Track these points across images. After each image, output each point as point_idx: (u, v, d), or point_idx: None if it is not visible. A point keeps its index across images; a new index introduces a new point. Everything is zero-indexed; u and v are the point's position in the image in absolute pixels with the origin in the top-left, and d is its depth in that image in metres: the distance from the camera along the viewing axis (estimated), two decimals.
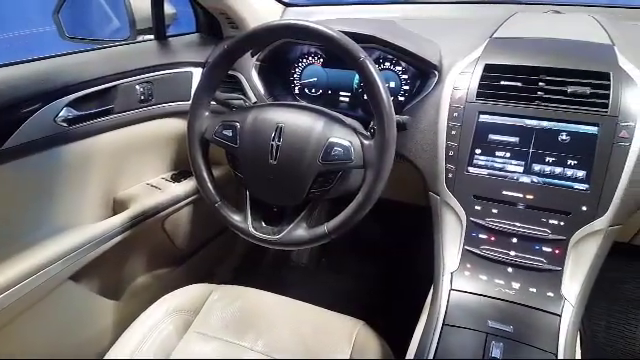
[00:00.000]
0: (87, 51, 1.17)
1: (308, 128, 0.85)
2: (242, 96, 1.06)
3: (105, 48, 1.22)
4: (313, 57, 1.20)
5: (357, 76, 1.16)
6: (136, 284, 1.36)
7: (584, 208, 0.80)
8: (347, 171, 0.87)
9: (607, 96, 0.80)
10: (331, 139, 0.83)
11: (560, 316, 0.78)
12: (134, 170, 1.31)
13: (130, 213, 1.20)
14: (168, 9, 1.32)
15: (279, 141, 0.85)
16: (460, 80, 0.92)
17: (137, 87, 1.19)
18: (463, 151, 0.89)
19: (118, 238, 1.18)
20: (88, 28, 1.39)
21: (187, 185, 1.37)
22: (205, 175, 0.93)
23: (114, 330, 1.26)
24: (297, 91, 1.23)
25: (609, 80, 0.81)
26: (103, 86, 1.10)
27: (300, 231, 0.87)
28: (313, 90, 1.21)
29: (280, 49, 1.17)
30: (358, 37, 0.87)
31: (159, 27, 1.30)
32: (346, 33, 0.81)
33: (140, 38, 1.32)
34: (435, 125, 0.93)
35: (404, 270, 1.69)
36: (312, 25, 0.81)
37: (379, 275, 1.75)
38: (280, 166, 0.85)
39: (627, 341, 1.44)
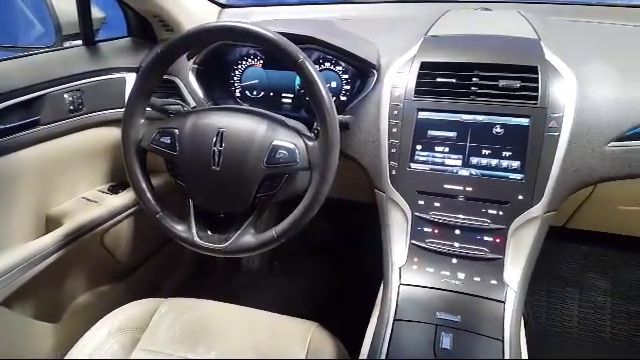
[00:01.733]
0: (8, 59, 1.09)
1: (251, 132, 0.83)
2: (180, 101, 1.03)
3: (28, 56, 1.14)
4: (253, 59, 1.18)
5: (298, 77, 1.15)
6: (76, 304, 1.28)
7: (520, 197, 0.84)
8: (293, 173, 0.87)
9: (536, 89, 0.84)
10: (275, 142, 0.82)
11: (504, 302, 0.81)
12: (67, 184, 1.23)
13: (65, 230, 1.13)
14: (96, 13, 1.26)
15: (221, 146, 0.83)
16: (398, 78, 0.94)
17: (66, 96, 1.13)
18: (405, 148, 0.90)
19: (53, 257, 1.10)
20: (7, 34, 1.30)
21: (126, 197, 1.31)
22: (143, 185, 0.89)
23: (54, 356, 1.18)
24: (238, 94, 1.21)
25: (537, 73, 0.85)
26: (27, 97, 1.03)
27: (248, 237, 0.85)
28: (254, 92, 1.19)
29: (218, 51, 1.14)
30: (296, 38, 0.86)
31: (87, 32, 1.24)
32: (284, 34, 0.81)
33: (67, 44, 1.25)
34: (377, 123, 0.94)
35: (355, 268, 1.70)
36: (248, 27, 0.79)
37: (331, 275, 1.76)
38: (223, 172, 0.83)
39: (565, 319, 1.53)
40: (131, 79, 1.25)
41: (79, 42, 1.25)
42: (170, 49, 0.84)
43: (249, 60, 1.18)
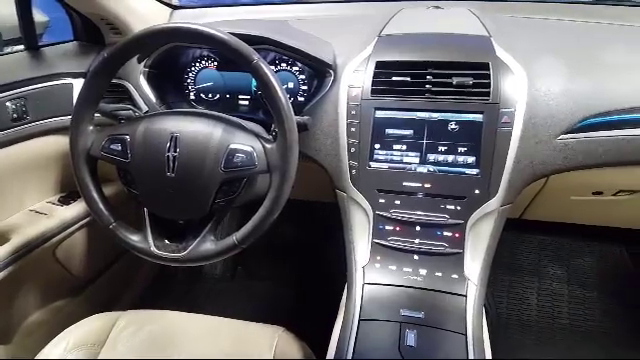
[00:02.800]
0: None
1: (206, 136, 0.81)
2: (131, 106, 0.98)
3: None
4: (207, 60, 1.15)
5: (254, 79, 1.14)
6: (30, 323, 1.22)
7: (477, 191, 0.86)
8: (252, 177, 0.85)
9: (488, 85, 0.86)
10: (232, 145, 0.80)
11: (465, 296, 0.82)
12: (14, 197, 1.17)
13: (12, 245, 1.07)
14: (39, 17, 1.20)
15: (175, 152, 0.80)
16: (354, 78, 0.94)
17: (8, 104, 1.06)
18: (364, 147, 0.91)
19: (2, 274, 1.04)
20: None
21: (77, 207, 1.25)
22: (95, 195, 0.85)
23: None
24: (193, 97, 1.18)
25: (489, 70, 0.87)
26: None
27: (208, 245, 0.83)
28: (210, 95, 1.16)
29: (169, 54, 1.11)
30: (250, 39, 0.85)
31: (29, 36, 1.17)
32: (237, 35, 0.79)
33: (8, 49, 1.19)
34: (335, 123, 0.94)
35: (319, 269, 1.70)
36: (200, 28, 0.77)
37: (296, 277, 1.75)
38: (179, 178, 0.80)
39: (525, 307, 1.58)
40: (78, 85, 1.20)
41: (21, 47, 1.19)
42: (118, 53, 0.81)
43: (203, 62, 1.15)
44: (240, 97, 1.15)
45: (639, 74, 0.91)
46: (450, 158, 0.88)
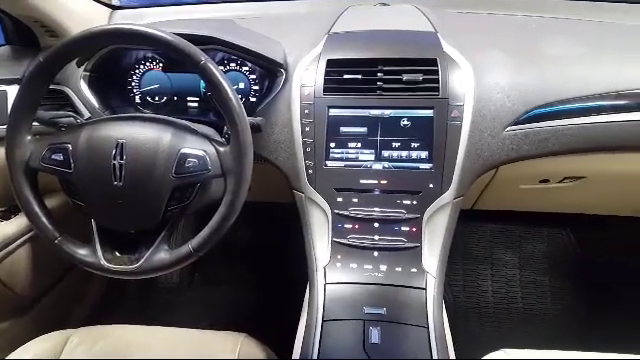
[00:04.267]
0: None
1: (154, 141, 0.78)
2: (72, 113, 0.93)
3: None
4: (151, 62, 1.11)
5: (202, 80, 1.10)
6: None
7: (431, 186, 0.87)
8: (206, 182, 0.82)
9: (437, 80, 0.88)
10: (183, 150, 0.78)
11: (425, 289, 0.84)
12: None
13: None
14: None
15: (122, 159, 0.76)
16: (306, 77, 0.93)
17: None
18: (319, 146, 0.90)
19: None
20: None
21: (19, 222, 1.17)
22: (37, 209, 0.80)
23: None
24: (138, 100, 1.13)
25: (437, 65, 0.89)
26: None
27: (162, 254, 0.80)
28: (157, 98, 1.12)
29: (111, 56, 1.06)
30: (196, 39, 0.83)
31: None
32: (182, 35, 0.76)
33: None
34: (289, 123, 0.93)
35: (280, 271, 1.68)
36: (142, 29, 0.74)
37: (257, 281, 1.73)
38: (128, 187, 0.77)
39: (481, 295, 1.63)
40: (13, 92, 1.12)
41: None
42: (54, 57, 0.76)
43: (147, 64, 1.10)
44: (189, 99, 1.11)
45: (577, 65, 0.96)
46: (404, 154, 0.89)
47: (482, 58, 0.93)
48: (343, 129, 0.90)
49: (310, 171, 0.91)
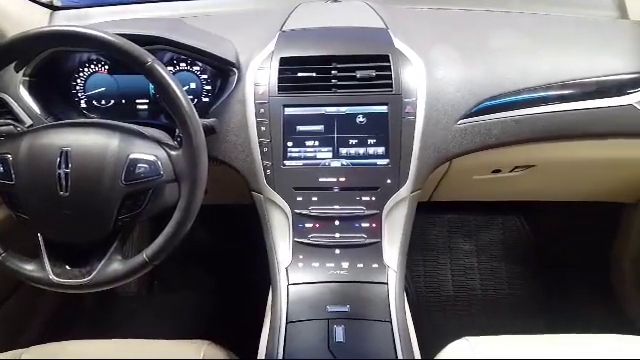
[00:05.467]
0: None
1: (102, 147, 0.74)
2: (11, 121, 0.88)
3: None
4: (96, 64, 1.06)
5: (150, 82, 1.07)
6: None
7: (389, 181, 0.88)
8: (159, 187, 0.79)
9: (390, 76, 0.89)
10: (132, 155, 0.75)
11: (387, 284, 0.84)
12: None
13: None
14: None
15: (67, 168, 0.73)
16: (260, 75, 0.92)
17: None
18: (276, 146, 0.89)
19: None
20: None
21: None
22: None
23: None
24: (84, 105, 1.08)
25: (389, 62, 0.90)
26: None
27: (115, 265, 0.77)
28: (103, 102, 1.07)
29: (52, 60, 1.00)
30: (142, 39, 0.81)
31: None
32: (127, 36, 0.74)
33: None
34: (244, 123, 0.92)
35: (242, 274, 1.66)
36: (83, 30, 0.71)
37: (218, 285, 1.69)
38: (74, 197, 0.73)
39: (441, 285, 1.67)
40: None
41: None
42: None
43: (92, 66, 1.05)
44: (138, 101, 1.07)
45: (521, 58, 0.99)
46: (361, 150, 0.89)
47: (432, 53, 0.95)
48: (299, 128, 0.90)
49: (268, 171, 0.90)
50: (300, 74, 0.91)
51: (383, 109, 0.88)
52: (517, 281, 1.65)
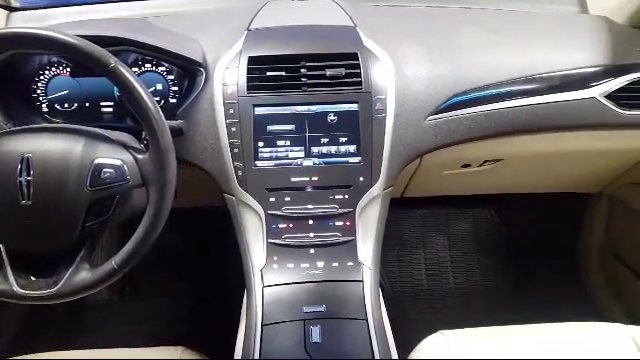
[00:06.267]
0: None
1: (65, 153, 0.72)
2: None
3: None
4: (57, 67, 1.02)
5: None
6: None
7: (361, 179, 0.88)
8: (127, 192, 0.77)
9: (359, 75, 0.89)
10: (97, 160, 0.73)
11: (362, 281, 0.84)
12: None
13: None
14: None
15: (29, 175, 0.70)
16: (228, 75, 0.91)
17: None
18: (247, 147, 0.88)
19: None
20: None
21: None
22: None
23: None
24: (46, 109, 1.04)
25: (358, 60, 0.90)
26: None
27: (83, 274, 0.74)
28: (66, 105, 1.03)
29: (11, 63, 0.95)
30: (104, 40, 0.79)
31: None
32: (88, 37, 0.72)
33: None
34: (214, 124, 0.90)
35: (216, 278, 1.64)
36: (42, 32, 0.69)
37: (191, 289, 1.67)
38: (37, 205, 0.70)
39: (415, 278, 1.69)
40: None
41: None
42: None
43: (53, 69, 1.02)
44: (102, 104, 1.04)
45: (487, 53, 1.01)
46: (333, 149, 0.89)
47: (401, 51, 0.96)
48: (270, 127, 0.89)
49: (239, 173, 0.89)
50: (269, 73, 0.90)
51: (354, 107, 0.89)
52: (489, 272, 1.69)
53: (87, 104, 1.03)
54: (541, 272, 1.62)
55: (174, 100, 1.03)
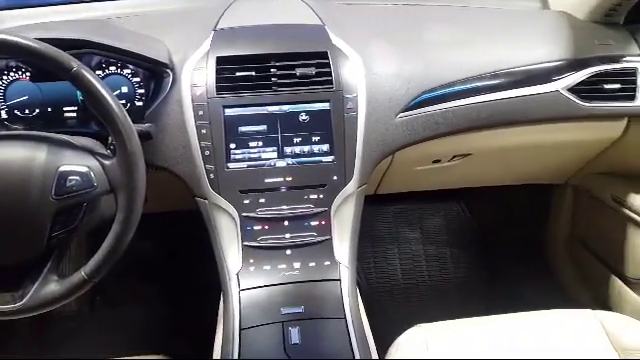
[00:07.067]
0: None
1: (27, 161, 0.69)
2: None
3: None
4: (16, 72, 0.98)
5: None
6: None
7: (335, 178, 0.88)
8: (94, 200, 0.75)
9: (329, 73, 0.89)
10: (62, 168, 0.70)
11: (339, 280, 0.85)
12: None
13: None
14: None
15: None
16: (196, 76, 0.89)
17: None
18: (218, 149, 0.87)
19: None
20: None
21: None
22: None
23: None
24: (5, 116, 0.99)
25: (328, 58, 0.90)
26: None
27: (51, 286, 0.71)
28: (27, 111, 0.99)
29: None
30: (66, 43, 0.76)
31: None
32: (49, 40, 0.69)
33: None
34: (183, 127, 0.89)
35: (191, 283, 1.61)
36: None
37: (166, 296, 1.63)
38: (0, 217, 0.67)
39: (391, 274, 1.70)
40: None
41: None
42: None
43: (11, 74, 0.97)
44: (65, 109, 1.00)
45: (455, 50, 1.03)
46: (306, 149, 0.89)
47: (370, 49, 0.96)
48: (242, 128, 0.88)
49: (212, 175, 0.87)
50: (238, 74, 0.89)
51: (325, 106, 0.88)
52: (462, 264, 1.72)
53: (49, 109, 0.99)
54: (512, 262, 1.66)
55: (141, 103, 1.00)
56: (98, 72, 0.93)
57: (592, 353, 0.83)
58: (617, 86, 1.04)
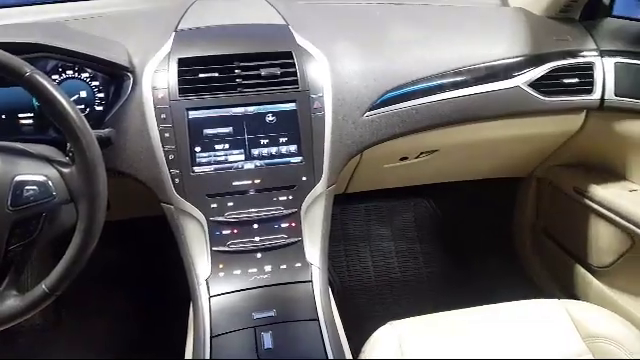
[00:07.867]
0: None
1: None
2: None
3: None
4: None
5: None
6: None
7: (304, 178, 0.88)
8: (53, 210, 0.72)
9: (295, 73, 0.88)
10: (18, 177, 0.67)
11: (311, 282, 0.84)
12: None
13: None
14: None
15: None
16: (157, 79, 0.87)
17: None
18: (183, 153, 0.85)
19: None
20: None
21: None
22: None
23: None
24: None
25: (292, 58, 0.89)
26: None
27: (11, 302, 0.68)
28: None
29: None
30: (18, 48, 0.73)
31: None
32: None
33: None
34: (145, 131, 0.86)
35: (159, 291, 1.57)
36: None
37: (134, 306, 1.58)
38: None
39: (363, 272, 1.71)
40: None
41: None
42: None
43: None
44: (20, 116, 0.95)
45: (416, 48, 1.04)
46: (274, 150, 0.88)
47: (335, 48, 0.96)
48: (207, 131, 0.86)
49: (177, 180, 0.85)
50: (202, 75, 0.87)
51: (292, 106, 0.88)
52: (432, 259, 1.74)
53: (3, 117, 0.95)
54: (482, 255, 1.69)
55: (100, 108, 0.97)
56: (54, 77, 0.90)
57: (559, 340, 0.85)
58: (575, 80, 1.08)
